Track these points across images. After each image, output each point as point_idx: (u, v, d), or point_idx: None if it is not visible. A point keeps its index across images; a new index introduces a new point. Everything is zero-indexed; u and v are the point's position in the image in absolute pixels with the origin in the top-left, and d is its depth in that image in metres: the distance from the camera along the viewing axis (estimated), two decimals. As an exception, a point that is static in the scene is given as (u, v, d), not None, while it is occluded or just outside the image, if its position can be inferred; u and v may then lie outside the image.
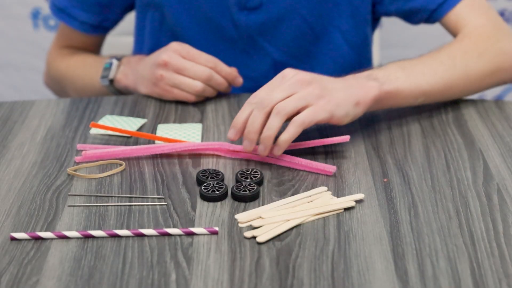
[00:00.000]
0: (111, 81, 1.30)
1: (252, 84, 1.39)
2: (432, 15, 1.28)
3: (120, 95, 1.30)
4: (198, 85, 1.20)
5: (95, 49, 1.47)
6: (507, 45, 1.21)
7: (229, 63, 1.28)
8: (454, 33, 1.26)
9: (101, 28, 1.41)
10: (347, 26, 1.34)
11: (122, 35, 1.61)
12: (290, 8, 1.32)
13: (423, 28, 1.42)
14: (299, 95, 1.02)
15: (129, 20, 1.47)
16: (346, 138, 1.06)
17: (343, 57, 1.37)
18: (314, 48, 1.36)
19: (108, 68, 1.30)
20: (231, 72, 1.24)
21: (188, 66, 1.20)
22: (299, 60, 1.37)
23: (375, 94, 1.07)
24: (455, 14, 1.25)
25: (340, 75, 1.10)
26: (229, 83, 1.24)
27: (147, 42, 1.41)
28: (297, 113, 1.02)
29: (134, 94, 1.29)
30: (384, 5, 1.33)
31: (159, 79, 1.21)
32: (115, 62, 1.31)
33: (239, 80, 1.24)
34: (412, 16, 1.32)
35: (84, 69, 1.38)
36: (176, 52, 1.21)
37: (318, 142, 1.07)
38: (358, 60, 1.39)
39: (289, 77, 1.04)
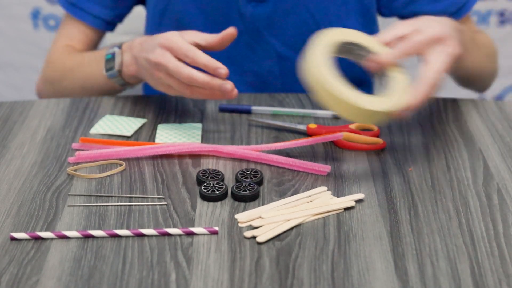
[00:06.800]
0: (119, 72, 1.21)
1: (256, 79, 1.39)
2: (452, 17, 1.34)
3: (126, 86, 1.24)
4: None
5: (93, 49, 1.45)
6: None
7: (233, 56, 1.27)
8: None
9: (111, 24, 1.38)
10: (356, 24, 1.34)
11: (123, 34, 1.61)
12: (298, 2, 1.32)
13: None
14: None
15: (130, 19, 1.47)
16: (339, 135, 1.07)
17: None
18: None
19: (110, 59, 1.22)
20: (208, 62, 1.06)
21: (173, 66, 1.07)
22: None
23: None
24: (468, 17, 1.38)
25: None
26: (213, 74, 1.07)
27: (148, 31, 1.39)
28: None
29: (138, 84, 1.25)
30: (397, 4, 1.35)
31: (157, 78, 1.11)
32: (117, 50, 1.22)
33: (221, 72, 1.06)
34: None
35: (86, 65, 1.31)
36: (167, 50, 1.09)
37: (312, 140, 1.07)
38: None
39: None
